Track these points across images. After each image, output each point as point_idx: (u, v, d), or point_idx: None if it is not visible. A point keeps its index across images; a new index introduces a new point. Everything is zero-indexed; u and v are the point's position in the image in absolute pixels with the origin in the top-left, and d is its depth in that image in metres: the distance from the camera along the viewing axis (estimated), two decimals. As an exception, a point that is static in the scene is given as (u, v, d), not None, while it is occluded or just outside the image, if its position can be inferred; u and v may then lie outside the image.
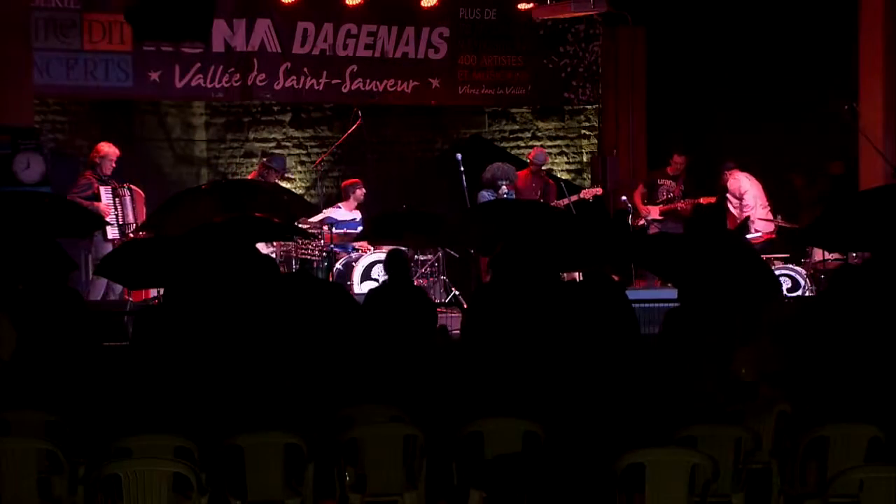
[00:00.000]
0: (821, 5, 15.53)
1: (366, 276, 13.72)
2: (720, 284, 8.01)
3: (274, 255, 13.49)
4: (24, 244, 9.18)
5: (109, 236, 13.05)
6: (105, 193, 13.17)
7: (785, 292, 13.36)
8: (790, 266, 13.81)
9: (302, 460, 7.23)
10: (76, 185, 13.21)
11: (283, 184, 14.26)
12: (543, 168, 15.04)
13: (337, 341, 8.58)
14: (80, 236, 12.11)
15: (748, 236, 14.05)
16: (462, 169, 14.42)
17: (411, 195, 15.25)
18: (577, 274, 12.14)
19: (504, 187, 13.92)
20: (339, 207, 14.57)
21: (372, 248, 13.87)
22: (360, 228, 14.34)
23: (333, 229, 14.03)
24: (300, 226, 13.32)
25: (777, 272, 13.58)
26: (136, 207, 13.38)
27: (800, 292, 13.47)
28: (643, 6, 16.08)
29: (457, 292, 13.85)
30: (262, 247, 12.74)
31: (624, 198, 14.81)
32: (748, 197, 14.61)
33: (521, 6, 16.02)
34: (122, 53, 14.77)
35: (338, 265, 13.92)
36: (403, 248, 11.42)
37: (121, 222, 13.16)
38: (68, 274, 9.45)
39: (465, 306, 12.74)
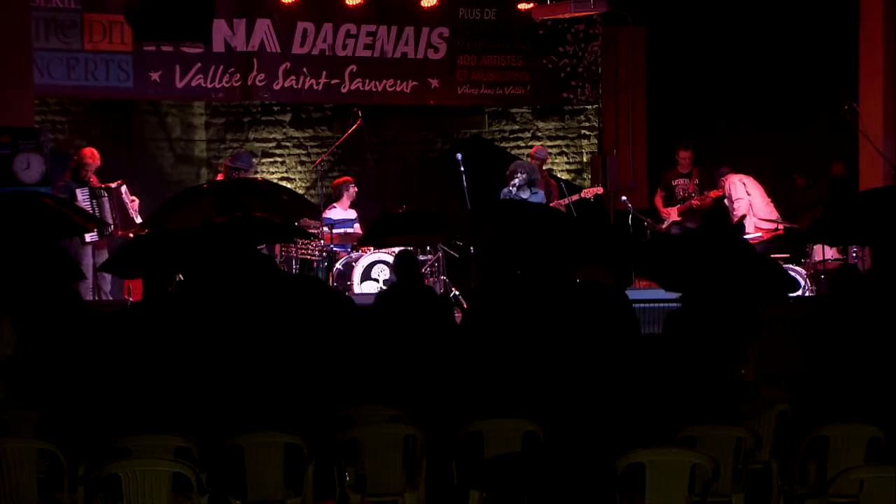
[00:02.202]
0: (821, 6, 15.54)
1: (366, 276, 13.72)
2: (723, 285, 7.99)
3: (274, 255, 13.50)
4: (26, 246, 9.16)
5: (87, 239, 12.96)
6: (81, 195, 13.06)
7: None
8: (790, 266, 13.81)
9: (302, 460, 7.23)
10: (55, 188, 13.07)
11: (284, 184, 14.25)
12: (545, 168, 15.03)
13: (337, 341, 8.58)
14: (69, 235, 12.01)
15: (745, 236, 14.03)
16: (462, 169, 14.42)
17: (411, 195, 15.26)
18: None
19: (517, 180, 13.84)
20: (335, 207, 14.58)
21: (372, 248, 13.87)
22: (356, 226, 14.35)
23: (333, 229, 14.04)
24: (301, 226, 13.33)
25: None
26: (116, 206, 13.19)
27: (800, 292, 13.47)
28: (643, 6, 16.08)
29: (457, 292, 13.86)
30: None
31: (624, 198, 14.80)
32: (739, 204, 14.59)
33: (521, 6, 16.03)
34: (122, 53, 14.78)
35: (338, 265, 13.93)
36: (411, 248, 11.43)
37: None
38: (75, 282, 9.46)
39: (465, 306, 12.75)
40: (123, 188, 13.35)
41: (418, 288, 9.50)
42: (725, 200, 14.76)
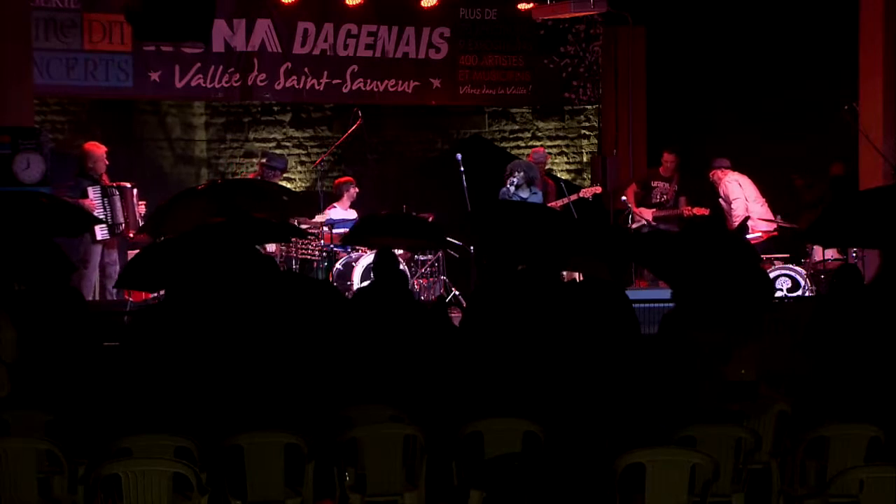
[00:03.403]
0: (821, 6, 15.54)
1: (366, 276, 13.70)
2: (714, 285, 8.00)
3: (274, 255, 13.50)
4: (24, 244, 9.16)
5: (98, 237, 12.96)
6: (93, 192, 13.05)
7: (785, 292, 13.37)
8: (790, 266, 13.81)
9: (302, 460, 7.23)
10: (66, 187, 13.09)
11: (284, 184, 14.24)
12: (545, 168, 15.02)
13: (335, 340, 8.58)
14: (72, 235, 12.02)
15: (748, 236, 14.03)
16: (462, 169, 14.41)
17: (411, 195, 15.26)
18: (577, 274, 12.14)
19: (515, 178, 13.82)
20: (335, 207, 14.58)
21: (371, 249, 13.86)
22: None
23: (333, 229, 14.03)
24: (300, 225, 13.33)
25: (777, 272, 13.60)
26: (128, 205, 13.22)
27: (800, 292, 13.47)
28: (643, 6, 16.08)
29: (457, 292, 13.85)
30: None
31: (624, 198, 14.79)
32: (737, 204, 14.53)
33: (522, 6, 16.03)
34: (122, 53, 14.78)
35: (338, 265, 13.92)
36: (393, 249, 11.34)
37: (110, 222, 13.04)
38: (69, 275, 9.45)
39: (465, 306, 12.75)
40: (135, 191, 13.37)
41: (394, 288, 9.38)
42: (722, 201, 14.73)
